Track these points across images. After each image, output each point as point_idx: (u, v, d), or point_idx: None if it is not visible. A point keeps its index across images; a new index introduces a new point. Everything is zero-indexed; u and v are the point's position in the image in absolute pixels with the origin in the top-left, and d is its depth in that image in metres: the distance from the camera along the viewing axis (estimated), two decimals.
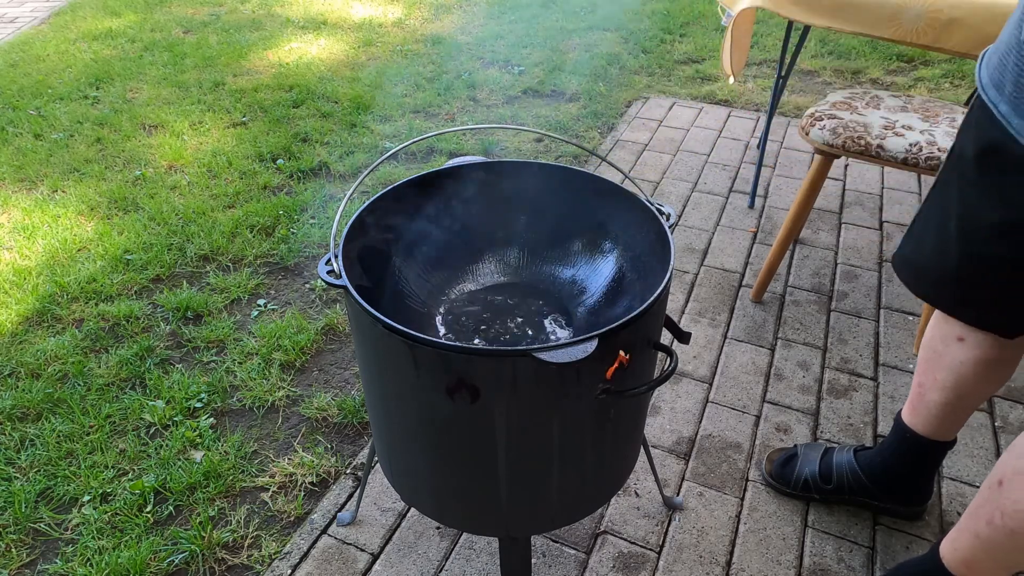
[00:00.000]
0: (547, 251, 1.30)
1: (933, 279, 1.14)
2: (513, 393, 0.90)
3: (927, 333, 1.27)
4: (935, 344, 1.25)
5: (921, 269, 1.16)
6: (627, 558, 1.38)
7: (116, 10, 4.43)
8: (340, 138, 2.91)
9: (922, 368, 1.29)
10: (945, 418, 1.27)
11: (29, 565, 1.40)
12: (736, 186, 2.59)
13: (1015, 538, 1.02)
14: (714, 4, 4.28)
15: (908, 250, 1.19)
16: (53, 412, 1.70)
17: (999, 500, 1.01)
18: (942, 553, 1.16)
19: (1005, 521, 1.01)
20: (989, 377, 1.19)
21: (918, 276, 1.17)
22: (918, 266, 1.16)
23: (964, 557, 1.12)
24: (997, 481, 1.02)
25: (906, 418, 1.35)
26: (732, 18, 1.98)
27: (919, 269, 1.16)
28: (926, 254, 1.13)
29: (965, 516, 1.11)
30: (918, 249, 1.16)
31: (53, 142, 2.90)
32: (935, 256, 1.11)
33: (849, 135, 1.70)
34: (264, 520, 1.47)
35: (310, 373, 1.83)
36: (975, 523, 1.08)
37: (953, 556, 1.14)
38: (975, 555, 1.10)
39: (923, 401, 1.30)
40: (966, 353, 1.19)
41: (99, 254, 2.23)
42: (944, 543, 1.16)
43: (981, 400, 1.24)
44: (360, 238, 1.10)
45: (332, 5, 4.50)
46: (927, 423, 1.31)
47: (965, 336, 1.18)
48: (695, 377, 1.80)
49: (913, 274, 1.18)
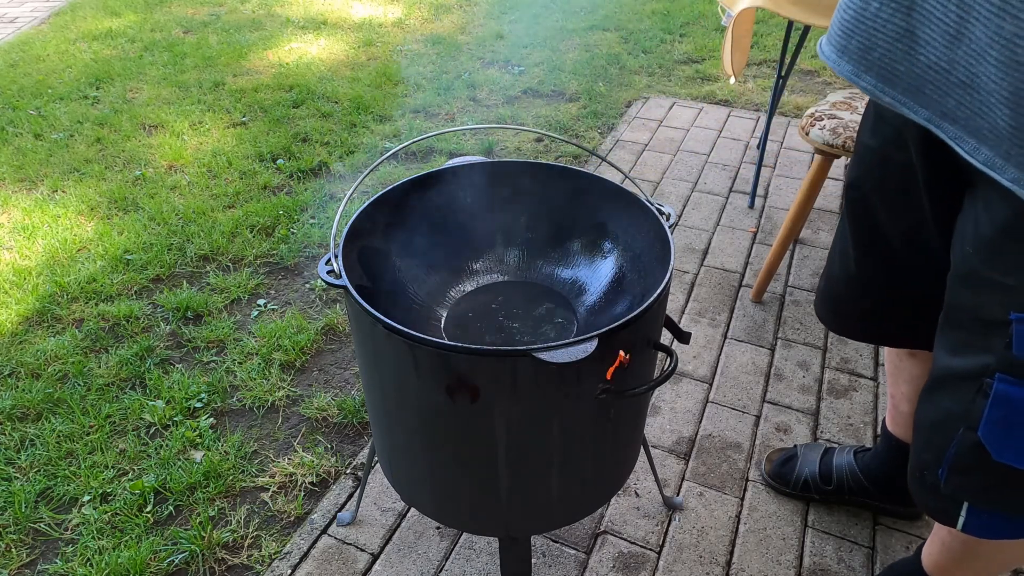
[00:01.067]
0: (547, 251, 1.30)
1: (845, 308, 1.11)
2: (513, 393, 0.90)
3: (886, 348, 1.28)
4: (893, 358, 1.26)
5: (835, 302, 1.12)
6: (627, 558, 1.38)
7: (116, 10, 4.43)
8: (340, 138, 2.91)
9: (890, 381, 1.31)
10: None
11: (29, 565, 1.40)
12: (736, 186, 2.59)
13: (967, 547, 1.03)
14: (714, 4, 4.28)
15: (821, 286, 1.16)
16: (53, 412, 1.70)
17: None
18: (923, 557, 1.17)
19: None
20: None
21: (834, 311, 1.14)
22: (832, 300, 1.13)
23: (937, 562, 1.13)
24: None
25: (889, 427, 1.36)
26: (732, 18, 1.99)
27: (833, 303, 1.13)
28: (838, 286, 1.10)
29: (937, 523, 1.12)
30: (829, 283, 1.13)
31: (53, 142, 2.90)
32: (845, 284, 1.08)
33: (849, 135, 1.70)
34: (264, 520, 1.47)
35: (310, 373, 1.83)
36: (941, 531, 1.10)
37: (928, 561, 1.16)
38: (945, 561, 1.11)
39: (898, 411, 1.31)
40: (919, 367, 1.20)
41: (99, 254, 2.23)
42: (924, 547, 1.18)
43: None
44: (360, 238, 1.10)
45: (332, 5, 4.50)
46: (906, 431, 1.32)
47: (916, 352, 1.18)
48: (695, 377, 1.80)
49: (830, 309, 1.15)
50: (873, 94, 0.76)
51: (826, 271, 1.14)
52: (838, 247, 1.07)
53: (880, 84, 0.74)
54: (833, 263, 1.10)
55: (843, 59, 0.77)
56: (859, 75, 0.76)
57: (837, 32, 0.78)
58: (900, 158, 0.87)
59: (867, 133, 0.93)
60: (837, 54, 0.78)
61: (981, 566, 1.07)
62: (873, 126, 0.91)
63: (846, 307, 1.11)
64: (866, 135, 0.93)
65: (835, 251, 1.09)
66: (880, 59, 0.73)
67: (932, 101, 0.70)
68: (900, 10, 0.69)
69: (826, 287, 1.14)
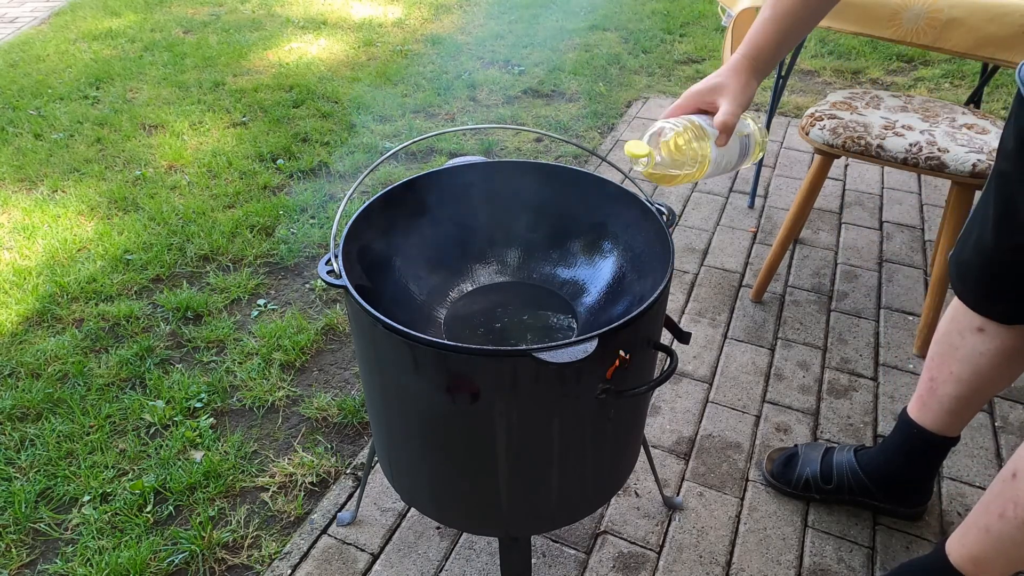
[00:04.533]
0: (547, 251, 1.30)
1: (973, 275, 1.16)
2: (513, 393, 0.90)
3: (941, 327, 1.28)
4: (951, 338, 1.25)
5: (963, 265, 1.18)
6: (627, 558, 1.39)
7: (116, 10, 4.43)
8: (340, 138, 2.91)
9: (936, 362, 1.29)
10: (956, 412, 1.28)
11: (29, 565, 1.40)
12: (736, 186, 2.59)
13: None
14: (714, 4, 4.28)
15: (957, 249, 1.21)
16: (53, 412, 1.70)
17: (1013, 492, 1.00)
18: (948, 551, 1.15)
19: (1018, 512, 1.01)
20: (1005, 371, 1.20)
21: (960, 274, 1.19)
22: (960, 262, 1.18)
23: (972, 553, 1.11)
24: (1011, 474, 1.02)
25: (913, 414, 1.34)
26: (732, 18, 1.99)
27: (961, 265, 1.18)
28: (968, 250, 1.16)
29: (975, 512, 1.11)
30: (962, 247, 1.18)
31: (53, 142, 2.90)
32: (975, 252, 1.13)
33: (849, 135, 1.70)
34: (264, 520, 1.47)
35: (310, 373, 1.83)
36: (986, 518, 1.08)
37: (960, 553, 1.13)
38: (984, 551, 1.09)
39: (935, 395, 1.30)
40: (986, 344, 1.20)
41: (99, 254, 2.23)
42: (951, 540, 1.16)
43: (992, 395, 1.25)
44: (360, 238, 1.10)
45: (332, 5, 4.50)
46: (937, 418, 1.31)
47: (985, 327, 1.19)
48: (695, 377, 1.80)
49: (956, 272, 1.20)
50: None
51: (962, 236, 1.19)
52: (978, 216, 1.13)
53: None
54: (970, 229, 1.16)
55: None
56: None
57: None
58: None
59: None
60: None
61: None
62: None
63: (971, 271, 1.17)
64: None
65: (973, 219, 1.15)
66: None
67: None
68: None
69: (958, 249, 1.20)
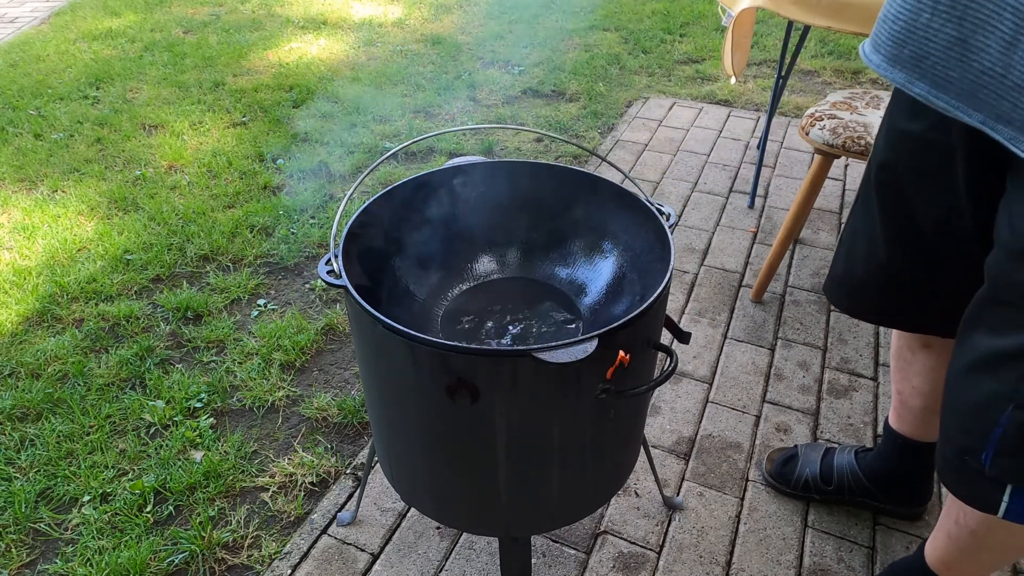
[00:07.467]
0: (547, 251, 1.30)
1: (872, 295, 1.10)
2: (513, 393, 0.90)
3: (893, 342, 1.28)
4: (903, 352, 1.25)
5: (856, 285, 1.12)
6: (627, 558, 1.38)
7: (116, 10, 4.43)
8: (340, 138, 2.91)
9: (897, 376, 1.29)
10: (929, 421, 1.28)
11: (29, 565, 1.40)
12: (736, 186, 2.59)
13: (976, 537, 1.03)
14: (714, 4, 4.28)
15: (838, 270, 1.15)
16: (53, 412, 1.70)
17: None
18: (926, 553, 1.17)
19: (967, 520, 1.03)
20: None
21: (850, 294, 1.14)
22: (850, 284, 1.13)
23: (941, 557, 1.13)
24: None
25: (893, 424, 1.35)
26: (732, 18, 1.98)
27: (851, 287, 1.13)
28: (859, 268, 1.10)
29: (941, 515, 1.12)
30: (848, 266, 1.12)
31: (53, 142, 2.90)
32: (866, 270, 1.08)
33: (849, 135, 1.70)
34: (264, 520, 1.47)
35: (310, 373, 1.83)
36: (947, 522, 1.10)
37: (932, 556, 1.15)
38: (950, 555, 1.11)
39: (906, 407, 1.30)
40: (934, 359, 1.19)
41: (99, 254, 2.23)
42: (927, 543, 1.17)
43: None
44: (360, 238, 1.10)
45: (332, 5, 4.50)
46: (913, 427, 1.31)
47: (931, 342, 1.18)
48: (695, 377, 1.80)
49: (845, 293, 1.15)
50: (927, 100, 0.79)
51: (844, 254, 1.13)
52: (861, 230, 1.07)
53: (934, 90, 0.77)
54: (854, 246, 1.10)
55: (895, 68, 0.81)
56: (912, 82, 0.79)
57: (887, 42, 0.81)
58: (942, 141, 0.89)
59: (903, 119, 0.95)
60: (888, 63, 0.81)
61: (988, 558, 1.07)
62: (911, 111, 0.93)
63: (866, 290, 1.11)
64: (902, 120, 0.95)
65: (856, 234, 1.09)
66: (933, 67, 0.76)
67: (986, 104, 0.73)
68: (952, 20, 0.73)
69: (844, 269, 1.14)
